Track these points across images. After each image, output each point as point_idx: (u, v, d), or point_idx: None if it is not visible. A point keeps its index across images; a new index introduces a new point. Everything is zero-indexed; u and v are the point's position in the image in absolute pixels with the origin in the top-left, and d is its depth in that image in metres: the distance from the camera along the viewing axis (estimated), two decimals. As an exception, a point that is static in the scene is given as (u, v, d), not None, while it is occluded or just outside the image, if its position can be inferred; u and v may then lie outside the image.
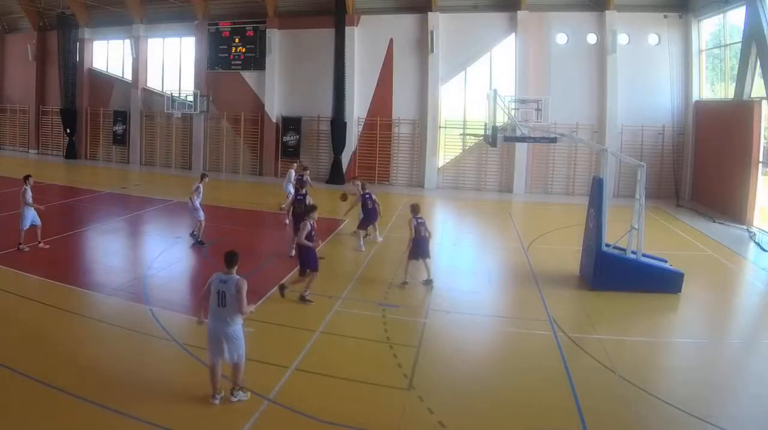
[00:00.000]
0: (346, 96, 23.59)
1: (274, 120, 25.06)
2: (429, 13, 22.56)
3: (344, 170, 23.76)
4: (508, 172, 22.83)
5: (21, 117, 30.97)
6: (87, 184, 21.22)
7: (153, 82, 28.13)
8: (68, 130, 28.88)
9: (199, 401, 6.20)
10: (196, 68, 26.47)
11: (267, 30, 24.75)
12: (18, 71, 30.83)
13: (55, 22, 28.57)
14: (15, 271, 10.38)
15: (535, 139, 15.08)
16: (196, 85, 26.28)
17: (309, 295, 9.54)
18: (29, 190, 11.91)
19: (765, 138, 16.82)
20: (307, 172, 15.73)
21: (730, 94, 18.64)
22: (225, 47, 25.73)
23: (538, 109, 18.88)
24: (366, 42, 23.66)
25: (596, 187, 10.94)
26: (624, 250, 10.72)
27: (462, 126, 23.30)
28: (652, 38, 21.34)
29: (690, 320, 9.77)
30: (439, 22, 22.53)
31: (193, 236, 13.18)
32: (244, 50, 25.48)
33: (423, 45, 22.91)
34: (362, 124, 24.10)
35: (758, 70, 16.67)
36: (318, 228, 12.36)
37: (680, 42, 21.06)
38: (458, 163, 23.62)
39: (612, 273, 10.43)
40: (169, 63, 27.82)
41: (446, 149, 23.79)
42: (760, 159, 16.74)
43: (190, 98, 26.21)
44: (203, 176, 13.70)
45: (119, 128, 28.16)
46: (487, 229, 17.07)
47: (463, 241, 15.46)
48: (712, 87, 21.11)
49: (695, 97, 21.00)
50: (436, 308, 9.57)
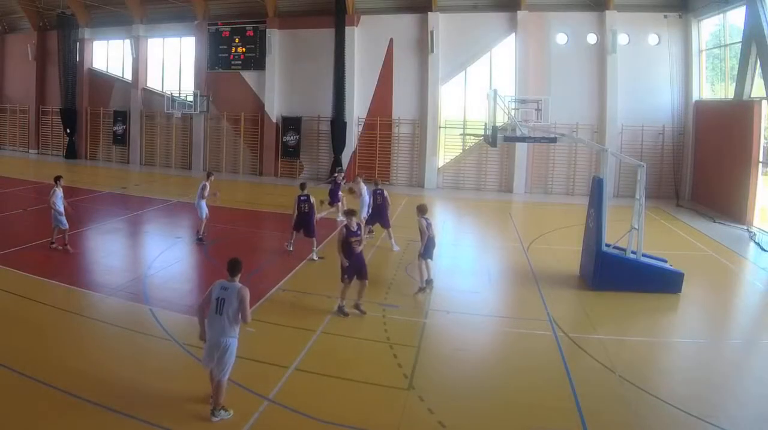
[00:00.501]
0: (346, 96, 23.60)
1: (274, 120, 25.07)
2: (429, 13, 22.57)
3: (344, 170, 23.71)
4: (508, 172, 22.83)
5: (21, 117, 30.97)
6: (87, 184, 21.20)
7: (153, 82, 28.15)
8: (68, 130, 28.89)
9: (199, 401, 6.19)
10: (196, 68, 26.48)
11: (267, 30, 24.76)
12: (18, 71, 30.83)
13: (55, 22, 28.59)
14: (15, 271, 10.37)
15: (535, 139, 15.08)
16: (196, 85, 26.29)
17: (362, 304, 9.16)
18: (58, 192, 11.85)
19: (765, 138, 16.82)
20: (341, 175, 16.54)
21: (730, 94, 18.64)
22: (225, 47, 25.75)
23: (538, 109, 18.93)
24: (366, 42, 23.66)
25: (596, 187, 10.94)
26: (624, 250, 10.73)
27: (462, 126, 23.31)
28: (652, 38, 21.34)
29: (690, 320, 9.77)
30: (439, 22, 22.54)
31: (198, 235, 13.31)
32: (244, 50, 25.49)
33: (423, 45, 22.91)
34: (362, 124, 24.10)
35: (758, 70, 16.68)
36: (317, 228, 12.40)
37: (680, 42, 21.06)
38: (458, 163, 23.63)
39: (612, 273, 10.43)
40: (169, 63, 27.83)
41: (446, 149, 23.81)
42: (760, 159, 16.74)
43: (190, 98, 26.22)
44: (209, 175, 13.84)
45: (119, 128, 28.17)
46: (487, 229, 17.07)
47: (463, 241, 15.46)
48: (712, 87, 21.11)
49: (695, 97, 21.00)
50: (436, 308, 9.57)
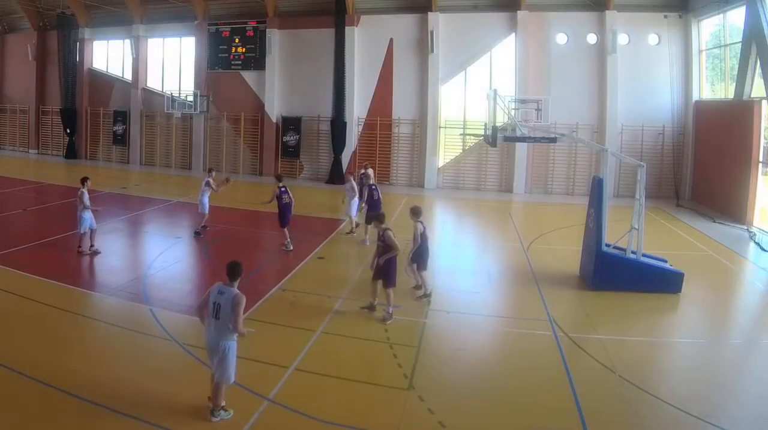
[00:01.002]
0: (346, 96, 23.59)
1: (274, 120, 25.07)
2: (429, 13, 22.56)
3: (344, 170, 23.73)
4: (508, 172, 22.83)
5: (21, 117, 30.97)
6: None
7: (153, 82, 28.14)
8: (68, 130, 28.88)
9: (199, 401, 6.19)
10: (196, 68, 26.48)
11: (267, 30, 24.75)
12: (18, 71, 30.83)
13: (55, 22, 28.58)
14: (15, 271, 10.37)
15: (535, 139, 15.08)
16: (196, 85, 26.29)
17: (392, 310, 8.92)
18: (86, 193, 11.79)
19: (765, 138, 16.82)
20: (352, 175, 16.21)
21: (730, 94, 18.64)
22: (225, 47, 25.74)
23: (538, 109, 18.94)
24: (366, 42, 23.66)
25: (596, 187, 10.94)
26: (624, 250, 10.73)
27: (462, 126, 23.30)
28: (652, 38, 21.33)
29: (690, 320, 9.76)
30: (439, 22, 22.53)
31: (196, 229, 13.85)
32: (244, 50, 25.49)
33: (423, 45, 22.91)
34: (362, 124, 24.10)
35: (758, 70, 16.68)
36: (317, 228, 12.42)
37: (680, 42, 21.06)
38: (458, 163, 23.62)
39: (612, 273, 10.43)
40: (169, 63, 27.82)
41: (446, 149, 23.79)
42: (760, 159, 16.74)
43: (190, 98, 26.21)
44: (210, 170, 14.81)
45: (119, 128, 28.17)
46: (487, 229, 17.06)
47: (463, 241, 15.47)
48: (712, 87, 21.11)
49: (695, 97, 21.00)
50: (436, 308, 9.56)
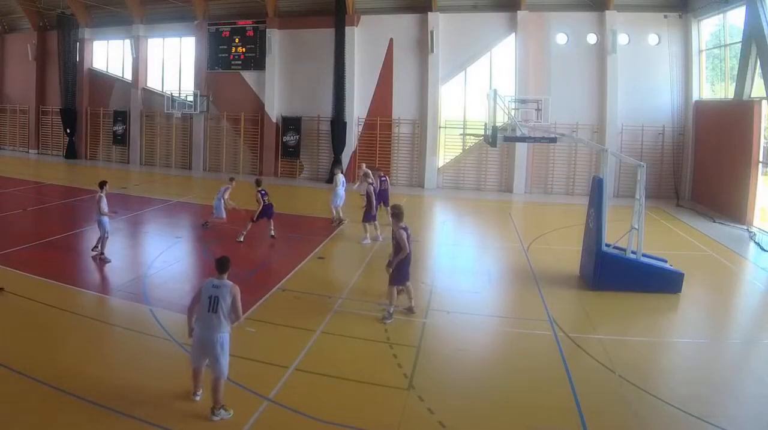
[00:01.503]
0: (346, 96, 23.58)
1: (274, 120, 25.06)
2: (429, 13, 22.56)
3: (344, 170, 23.73)
4: (508, 172, 22.83)
5: (21, 117, 30.96)
6: (87, 185, 21.18)
7: (153, 82, 28.13)
8: (68, 130, 28.88)
9: (199, 400, 6.20)
10: (196, 68, 26.47)
11: (267, 30, 24.75)
12: (18, 71, 30.82)
13: (55, 22, 28.58)
14: (15, 271, 10.37)
15: (535, 139, 15.07)
16: (196, 85, 26.28)
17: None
18: (105, 199, 11.49)
19: (765, 138, 16.81)
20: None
21: (730, 94, 18.63)
22: (225, 47, 25.74)
23: (538, 109, 18.90)
24: (366, 42, 23.65)
25: (596, 187, 10.94)
26: (624, 250, 10.72)
27: (462, 126, 23.28)
28: (652, 38, 21.33)
29: (690, 320, 9.76)
30: (439, 22, 22.53)
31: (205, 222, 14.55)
32: (244, 50, 25.48)
33: (423, 45, 22.90)
34: (362, 124, 24.09)
35: (758, 70, 16.67)
36: (317, 228, 12.41)
37: (680, 42, 21.05)
38: (458, 163, 23.61)
39: (612, 273, 10.42)
40: (169, 63, 27.82)
41: (446, 149, 23.78)
42: (760, 159, 16.73)
43: (190, 98, 26.20)
44: (231, 179, 15.02)
45: (119, 128, 28.16)
46: (487, 229, 17.06)
47: (463, 241, 15.46)
48: (712, 87, 21.10)
49: (695, 97, 20.99)
50: (436, 308, 9.56)
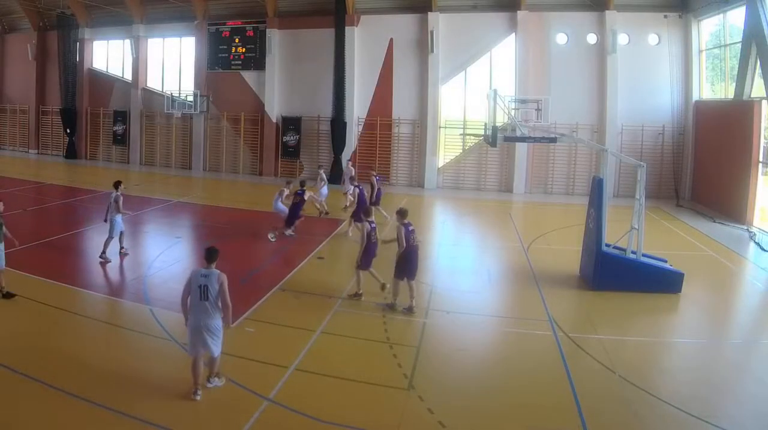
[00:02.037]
0: (346, 96, 23.58)
1: (274, 120, 25.06)
2: (429, 13, 22.56)
3: (343, 171, 23.76)
4: (508, 172, 22.83)
5: (21, 117, 30.97)
6: (87, 184, 21.20)
7: (153, 82, 28.13)
8: (68, 130, 28.88)
9: (200, 400, 6.20)
10: (196, 68, 26.47)
11: (267, 30, 24.75)
12: (18, 71, 30.82)
13: (55, 22, 28.59)
14: (15, 271, 10.35)
15: (535, 139, 15.07)
16: (196, 85, 26.28)
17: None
18: (122, 198, 11.49)
19: (765, 138, 16.82)
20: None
21: (730, 94, 18.63)
22: (225, 47, 25.74)
23: (538, 109, 18.94)
24: (366, 42, 23.65)
25: (596, 187, 10.94)
26: (624, 250, 10.73)
27: (462, 126, 23.29)
28: (652, 38, 21.33)
29: (690, 320, 9.76)
30: (439, 22, 22.53)
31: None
32: (244, 50, 25.48)
33: (423, 45, 22.90)
34: (362, 124, 24.09)
35: (758, 70, 16.67)
36: (317, 228, 12.43)
37: (680, 42, 21.05)
38: (458, 163, 23.62)
39: (612, 273, 10.43)
40: (169, 63, 27.82)
41: (446, 149, 23.79)
42: (760, 159, 16.74)
43: (190, 98, 26.20)
44: (288, 182, 14.82)
45: (119, 128, 28.16)
46: (487, 229, 17.06)
47: (463, 241, 15.46)
48: (712, 87, 21.11)
49: (695, 97, 21.00)
50: (436, 308, 9.57)
